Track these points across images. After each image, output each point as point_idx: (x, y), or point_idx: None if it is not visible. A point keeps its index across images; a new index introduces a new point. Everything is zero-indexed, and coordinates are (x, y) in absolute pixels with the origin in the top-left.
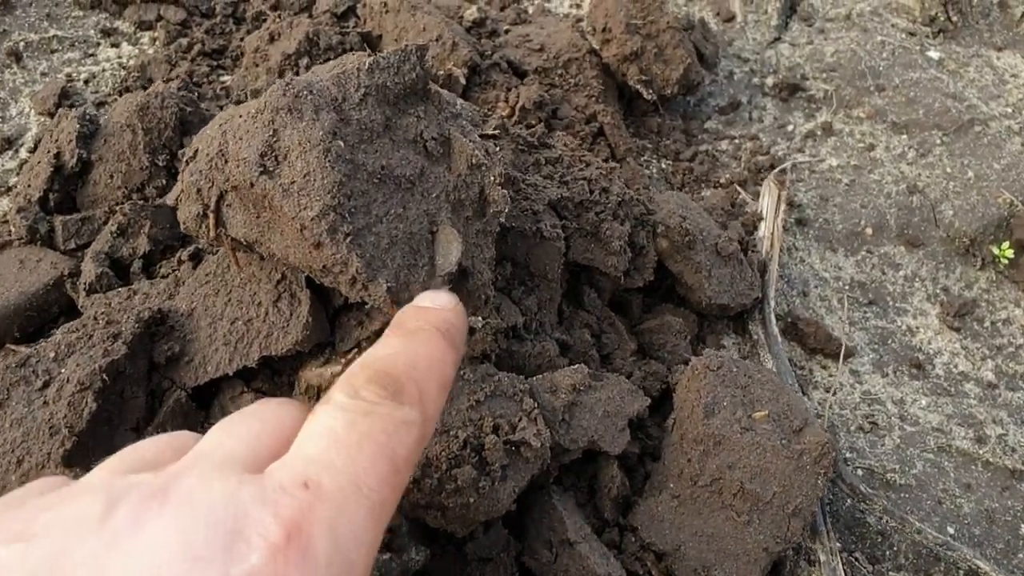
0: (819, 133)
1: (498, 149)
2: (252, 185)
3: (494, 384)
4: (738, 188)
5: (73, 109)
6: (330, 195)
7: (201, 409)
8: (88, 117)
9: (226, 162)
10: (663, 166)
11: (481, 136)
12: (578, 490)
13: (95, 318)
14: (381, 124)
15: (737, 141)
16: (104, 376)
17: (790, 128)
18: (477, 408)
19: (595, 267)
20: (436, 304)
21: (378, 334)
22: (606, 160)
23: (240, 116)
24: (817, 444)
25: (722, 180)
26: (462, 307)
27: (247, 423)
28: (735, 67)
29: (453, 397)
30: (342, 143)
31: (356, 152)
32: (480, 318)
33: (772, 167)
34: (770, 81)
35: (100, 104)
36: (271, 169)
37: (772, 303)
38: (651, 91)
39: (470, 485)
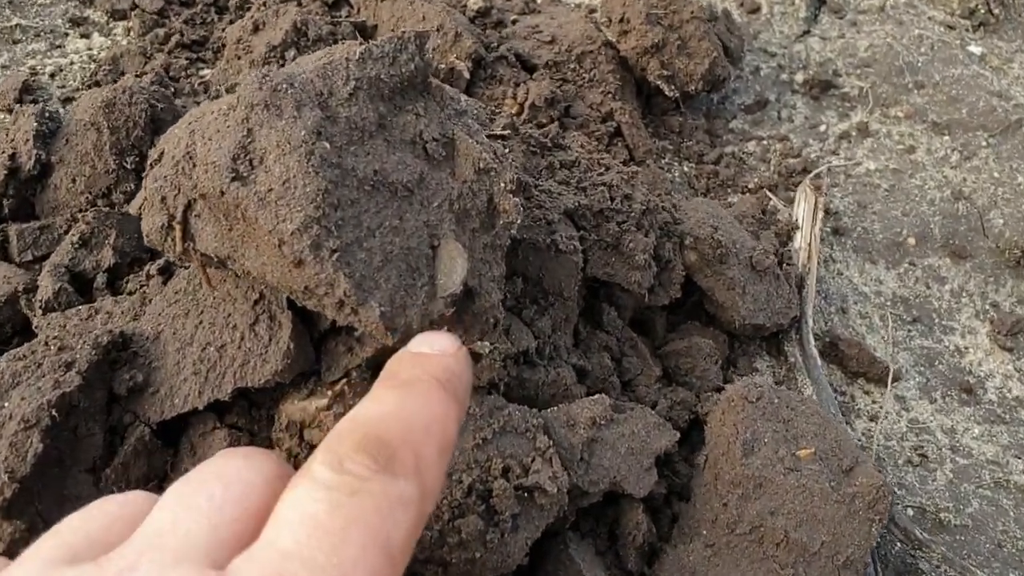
0: (854, 134)
1: (508, 151)
2: (223, 193)
3: (503, 419)
4: (768, 194)
5: (32, 105)
6: (313, 205)
7: (168, 447)
8: (48, 114)
9: (194, 166)
10: (686, 169)
11: (489, 136)
12: (597, 537)
13: (46, 343)
14: (374, 123)
15: (766, 142)
16: (54, 412)
17: (823, 128)
18: (484, 447)
19: (616, 283)
20: (435, 349)
21: (371, 362)
22: (625, 163)
23: (211, 113)
24: (871, 487)
25: (750, 185)
26: (465, 352)
27: (207, 489)
28: (761, 62)
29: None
30: (328, 144)
31: (344, 155)
32: (487, 343)
33: (805, 171)
34: (799, 77)
35: (67, 100)
36: (245, 175)
37: (810, 322)
38: (673, 87)
39: (476, 538)
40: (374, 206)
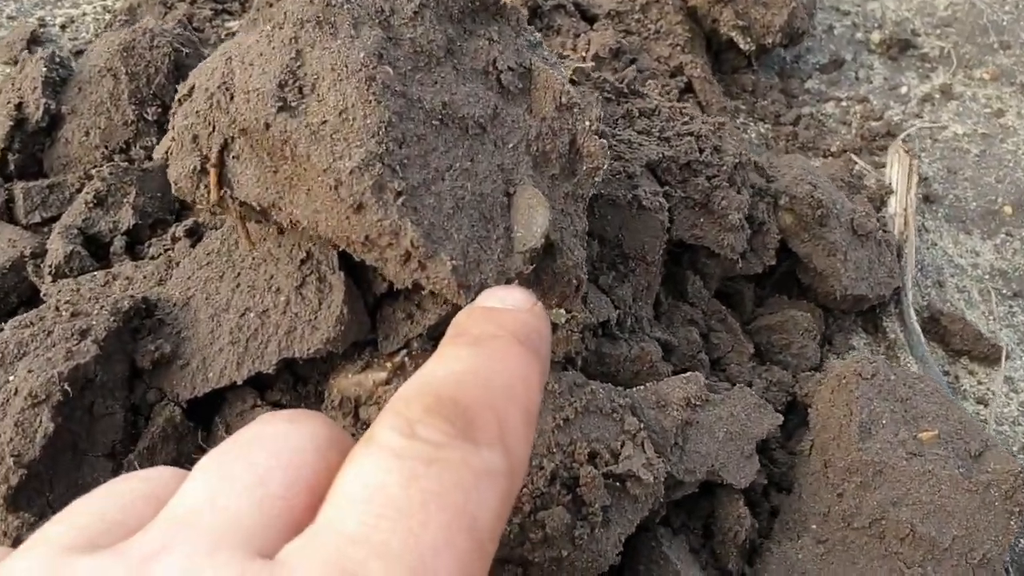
0: (937, 96)
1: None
2: (267, 127)
3: (586, 397)
4: (854, 157)
5: (40, 49)
6: (375, 139)
7: (200, 429)
8: (58, 60)
9: (231, 98)
10: (762, 130)
11: (575, 70)
12: (691, 532)
13: (57, 308)
14: (442, 47)
15: (844, 104)
16: (66, 386)
17: (903, 90)
18: (566, 429)
19: (703, 247)
20: (507, 303)
21: (434, 331)
22: None
23: (252, 38)
24: (1007, 475)
25: (833, 148)
26: (542, 307)
27: (249, 458)
28: (834, 20)
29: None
30: (391, 69)
31: (409, 83)
32: (563, 311)
33: (889, 134)
34: (875, 37)
35: (79, 53)
36: (293, 104)
37: (911, 295)
38: (749, 39)
39: (563, 533)
40: (443, 144)
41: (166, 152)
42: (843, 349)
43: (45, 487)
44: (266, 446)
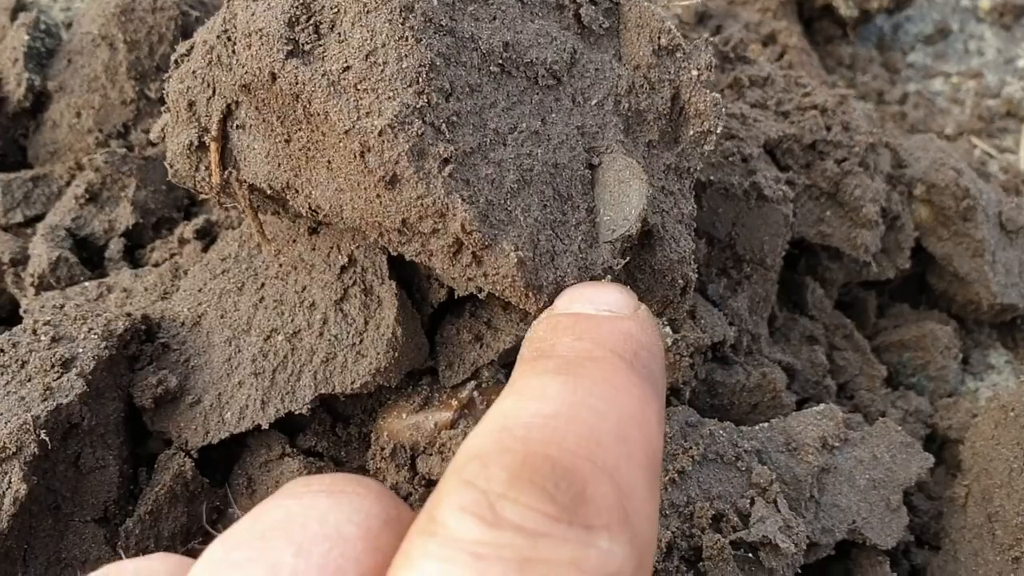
0: None
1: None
2: (274, 77)
3: (704, 442)
4: (974, 140)
5: (22, 14)
6: (414, 89)
7: (216, 485)
8: (44, 27)
9: (233, 50)
10: (865, 109)
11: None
12: None
13: (34, 331)
14: None
15: (954, 79)
16: (43, 434)
17: (1021, 64)
18: (682, 485)
19: (825, 248)
20: (602, 308)
21: (508, 356)
22: None
23: None
24: None
25: (947, 130)
26: (647, 311)
27: (270, 556)
28: None
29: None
30: (436, 1)
31: (459, 16)
32: (669, 328)
33: (1009, 113)
34: (985, 3)
35: (71, 25)
36: (307, 48)
37: None
38: (851, 4)
39: None
40: (504, 98)
41: (161, 130)
42: (981, 369)
43: (18, 563)
44: (293, 536)
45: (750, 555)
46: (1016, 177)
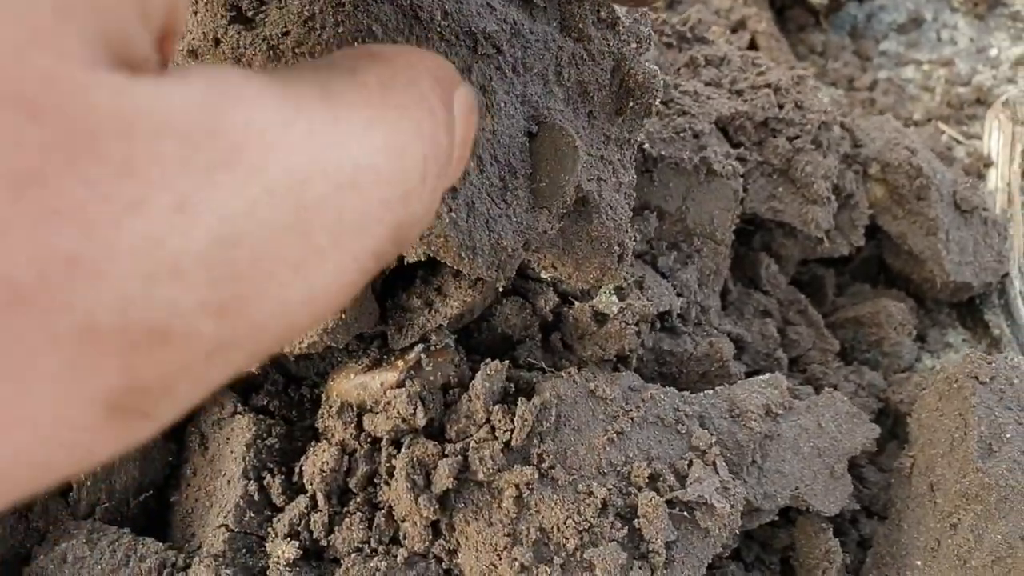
0: None
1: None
2: (218, 42)
3: (645, 405)
4: (941, 126)
5: None
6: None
7: (170, 441)
8: None
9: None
10: (835, 96)
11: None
12: (767, 568)
13: None
14: None
15: (926, 67)
16: None
17: (993, 53)
18: (620, 444)
19: (779, 224)
20: None
21: (457, 321)
22: None
23: None
24: None
25: (916, 116)
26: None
27: None
28: None
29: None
30: None
31: None
32: (615, 297)
33: (979, 101)
34: None
35: None
36: (250, 14)
37: (1017, 282)
38: None
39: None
40: None
41: None
42: (939, 347)
43: None
44: None
45: (686, 514)
46: (979, 161)
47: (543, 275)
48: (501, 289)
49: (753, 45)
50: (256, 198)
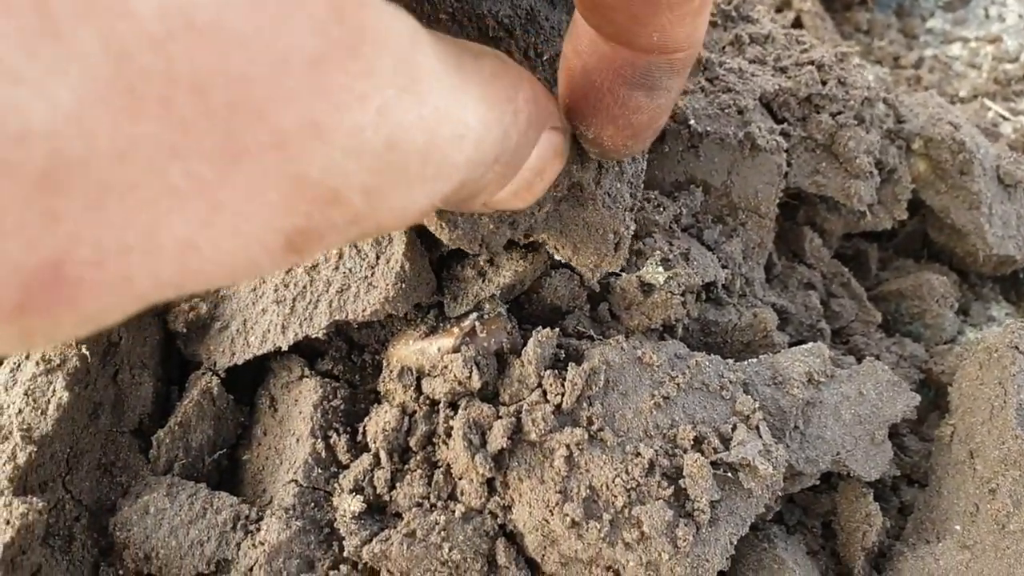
0: None
1: None
2: None
3: (691, 372)
4: (988, 103)
5: None
6: None
7: (242, 403)
8: None
9: None
10: (880, 73)
11: None
12: (809, 532)
13: None
14: None
15: (973, 44)
16: (84, 349)
17: None
18: (666, 409)
19: (823, 199)
20: None
21: (508, 292)
22: None
23: None
24: None
25: (962, 93)
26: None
27: None
28: None
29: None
30: None
31: None
32: (661, 268)
33: None
34: None
35: None
36: None
37: None
38: None
39: (663, 533)
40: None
41: None
42: (981, 320)
43: (60, 467)
44: None
45: (729, 475)
46: (1023, 137)
47: (556, 256)
48: (550, 262)
49: (798, 23)
50: (412, 122)
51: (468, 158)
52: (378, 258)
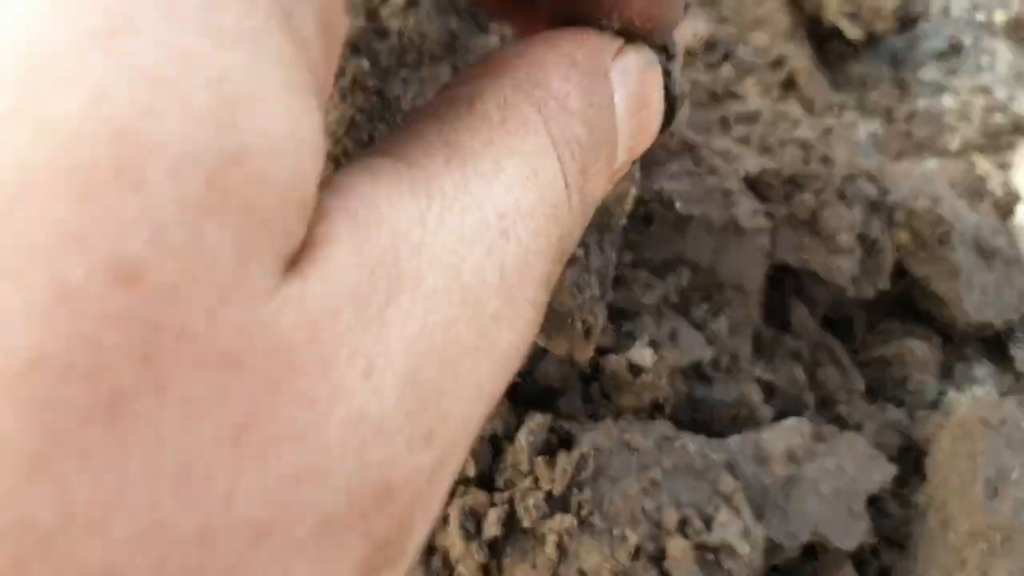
0: None
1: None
2: None
3: (676, 454)
4: (975, 158)
5: None
6: (332, 139)
7: None
8: None
9: None
10: (872, 128)
11: None
12: None
13: None
14: (439, 42)
15: (964, 95)
16: None
17: None
18: (653, 493)
19: (809, 271)
20: None
21: None
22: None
23: None
24: None
25: (952, 146)
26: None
27: None
28: (952, 0)
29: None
30: (367, 62)
31: (389, 79)
32: (650, 349)
33: (1016, 129)
34: (999, 17)
35: None
36: None
37: None
38: (858, 27)
39: None
40: None
41: None
42: (964, 381)
43: None
44: None
45: (710, 556)
46: (1009, 195)
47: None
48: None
49: (791, 82)
50: (422, 312)
51: (537, 228)
52: None
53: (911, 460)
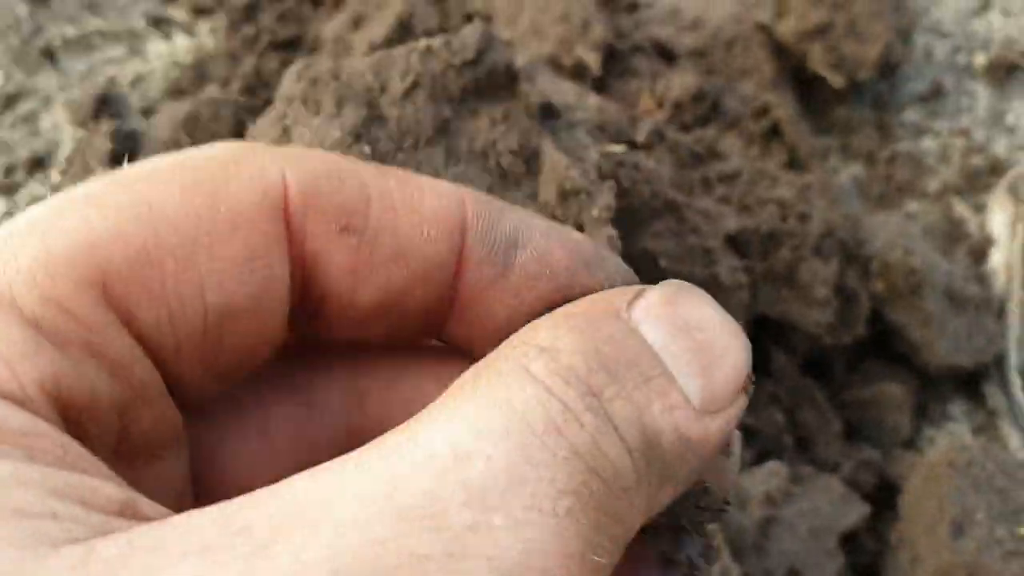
0: None
1: (652, 164)
2: None
3: None
4: (953, 200)
5: (104, 123)
6: None
7: None
8: (123, 133)
9: None
10: (854, 172)
11: (605, 154)
12: None
13: None
14: (432, 127)
15: (944, 138)
16: None
17: (1010, 120)
18: (638, 537)
19: (789, 322)
20: None
21: None
22: (785, 166)
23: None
24: None
25: (931, 189)
26: None
27: None
28: (934, 42)
29: None
30: (368, 148)
31: (388, 162)
32: None
33: (993, 171)
34: (980, 60)
35: (147, 112)
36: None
37: (1014, 359)
38: (840, 76)
39: None
40: None
41: None
42: (939, 419)
43: None
44: None
45: None
46: (984, 238)
47: None
48: None
49: (775, 129)
50: None
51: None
52: None
53: (886, 497)
